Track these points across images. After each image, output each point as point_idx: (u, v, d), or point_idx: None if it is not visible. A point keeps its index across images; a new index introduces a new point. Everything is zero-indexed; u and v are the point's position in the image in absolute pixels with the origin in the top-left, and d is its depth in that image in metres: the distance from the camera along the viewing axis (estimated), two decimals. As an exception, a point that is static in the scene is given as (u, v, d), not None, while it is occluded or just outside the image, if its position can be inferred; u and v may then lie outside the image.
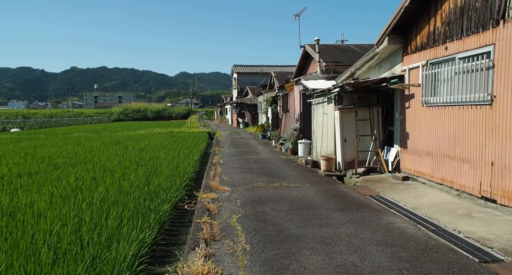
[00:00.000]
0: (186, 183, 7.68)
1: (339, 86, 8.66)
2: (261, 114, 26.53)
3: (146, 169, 8.79)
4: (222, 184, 7.76)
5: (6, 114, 68.73)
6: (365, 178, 8.21)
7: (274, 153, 13.86)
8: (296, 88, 14.18)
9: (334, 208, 5.69)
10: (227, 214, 5.45)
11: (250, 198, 6.45)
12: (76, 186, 6.92)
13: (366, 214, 5.34)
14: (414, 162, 7.57)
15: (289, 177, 8.64)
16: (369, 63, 9.26)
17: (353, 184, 7.87)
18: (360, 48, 15.33)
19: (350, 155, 8.99)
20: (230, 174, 9.11)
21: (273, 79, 24.12)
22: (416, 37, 7.39)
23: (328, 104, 9.99)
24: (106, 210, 5.24)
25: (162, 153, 11.91)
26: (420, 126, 7.30)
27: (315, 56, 14.19)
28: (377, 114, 8.93)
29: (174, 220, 5.70)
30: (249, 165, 10.69)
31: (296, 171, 9.55)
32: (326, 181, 8.16)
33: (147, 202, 5.80)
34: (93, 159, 10.69)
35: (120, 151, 12.71)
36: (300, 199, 6.33)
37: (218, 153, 13.64)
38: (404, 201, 6.05)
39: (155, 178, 7.71)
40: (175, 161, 10.24)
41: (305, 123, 13.57)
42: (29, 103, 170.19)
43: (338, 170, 9.25)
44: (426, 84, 7.06)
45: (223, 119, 49.85)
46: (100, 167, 9.09)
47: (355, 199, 6.34)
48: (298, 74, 17.09)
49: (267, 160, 11.85)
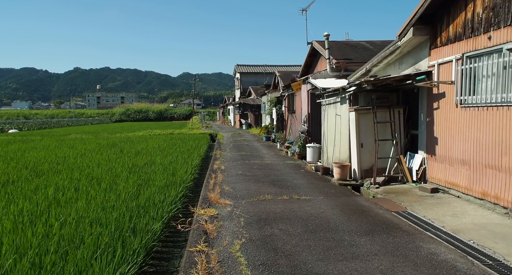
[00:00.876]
0: (182, 194, 6.72)
1: (355, 84, 7.66)
2: (264, 115, 25.54)
3: (139, 177, 7.83)
4: (223, 196, 6.77)
5: (8, 114, 68.15)
6: (385, 189, 7.20)
7: (280, 158, 12.86)
8: (304, 88, 13.18)
9: (358, 231, 4.69)
10: (228, 238, 4.47)
11: (256, 215, 5.46)
12: (54, 199, 5.97)
13: (399, 240, 4.34)
14: (445, 172, 6.55)
15: (298, 186, 7.65)
16: (388, 58, 8.25)
17: (373, 196, 6.87)
18: (371, 44, 14.31)
19: (367, 162, 7.98)
20: (232, 183, 8.13)
21: (277, 78, 23.14)
22: (448, 26, 6.38)
23: (341, 104, 8.99)
24: (81, 234, 4.29)
25: (158, 158, 10.95)
26: (454, 129, 6.29)
27: (324, 53, 13.19)
28: (398, 115, 7.92)
29: (168, 238, 4.75)
30: (253, 171, 9.71)
31: (306, 179, 8.55)
32: (341, 193, 7.16)
33: (133, 221, 4.85)
34: (82, 164, 9.74)
35: (113, 155, 11.77)
36: (315, 217, 5.34)
37: (220, 158, 12.66)
38: (441, 221, 5.04)
39: (147, 188, 6.75)
40: (172, 167, 9.28)
41: (314, 125, 12.57)
42: (32, 104, 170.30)
43: (354, 178, 8.24)
44: (462, 81, 6.05)
45: (225, 120, 48.89)
46: (87, 174, 8.14)
47: (380, 217, 5.34)
48: (305, 73, 16.10)
49: (273, 165, 10.87)
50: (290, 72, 24.12)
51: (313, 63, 16.02)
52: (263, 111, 26.08)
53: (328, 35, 12.24)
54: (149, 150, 13.29)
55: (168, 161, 10.37)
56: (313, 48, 14.94)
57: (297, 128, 14.38)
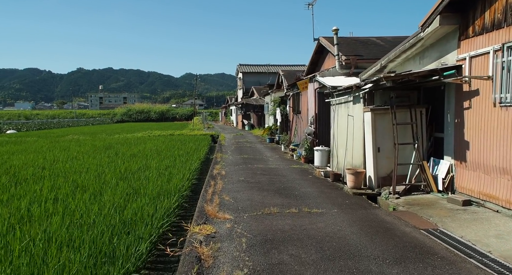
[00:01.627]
0: (177, 205, 5.89)
1: (372, 81, 6.79)
2: (268, 116, 24.69)
3: (129, 185, 7.02)
4: (222, 208, 5.93)
5: (9, 115, 67.64)
6: (407, 200, 6.33)
7: (285, 161, 12.00)
8: (311, 86, 12.32)
9: (386, 258, 3.82)
10: (227, 267, 3.62)
11: (261, 234, 4.61)
12: (27, 213, 5.16)
13: (439, 271, 3.47)
14: (479, 181, 5.67)
15: (308, 196, 6.79)
16: (408, 53, 7.39)
17: (393, 208, 6.00)
18: (382, 40, 13.43)
19: (385, 169, 7.11)
20: (233, 191, 7.29)
21: (281, 77, 22.29)
22: (483, 13, 5.50)
23: (354, 104, 8.13)
24: (45, 262, 3.47)
25: (155, 162, 10.13)
26: (490, 132, 5.41)
27: (332, 50, 12.33)
28: (420, 116, 7.05)
29: (155, 264, 3.92)
30: (256, 177, 8.85)
31: (315, 187, 7.69)
32: (357, 204, 6.29)
33: (113, 243, 4.03)
34: (70, 169, 8.93)
35: (106, 158, 10.96)
36: (332, 237, 4.48)
37: (220, 161, 11.82)
38: (484, 244, 4.17)
39: (136, 199, 5.93)
40: (168, 172, 8.47)
41: (322, 126, 11.70)
42: (35, 104, 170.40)
43: (369, 186, 7.37)
44: (501, 76, 5.18)
45: (227, 121, 48.06)
46: (73, 181, 7.32)
47: (409, 237, 4.47)
48: (311, 71, 15.24)
49: (278, 170, 10.01)
50: (294, 71, 23.25)
51: (319, 61, 15.16)
52: (266, 111, 25.22)
53: (337, 29, 11.38)
54: (146, 153, 12.49)
55: (164, 166, 9.55)
56: (320, 45, 14.08)
57: (302, 129, 13.52)
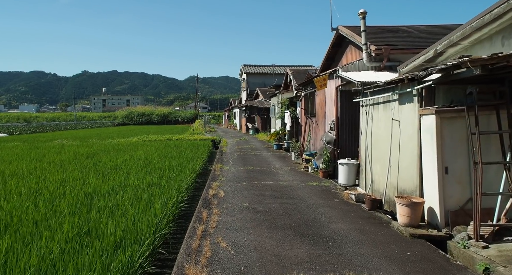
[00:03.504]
0: (140, 263, 3.70)
1: (442, 69, 4.53)
2: (274, 119, 22.47)
3: (84, 220, 4.84)
4: (214, 270, 3.70)
5: (8, 117, 66.07)
6: (503, 251, 4.08)
7: (299, 175, 9.77)
8: (330, 84, 10.10)
9: None
10: None
11: None
12: None
13: None
14: None
15: (345, 240, 4.56)
16: (484, 30, 5.13)
17: (484, 267, 3.76)
18: (415, 29, 11.19)
19: (456, 199, 4.86)
20: (232, 230, 5.06)
21: (289, 77, 20.11)
22: None
23: (401, 104, 5.90)
24: None
25: (136, 178, 7.96)
26: None
27: (355, 39, 10.12)
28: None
29: None
30: (265, 203, 6.62)
31: (351, 222, 5.44)
32: (423, 257, 4.04)
33: None
34: (16, 190, 6.76)
35: (78, 172, 8.80)
36: None
37: (219, 175, 9.61)
38: None
39: (79, 253, 3.75)
40: (148, 193, 6.33)
41: (344, 133, 9.46)
42: (40, 107, 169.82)
43: (430, 222, 5.12)
44: None
45: (231, 124, 45.87)
46: (3, 216, 5.13)
47: None
48: (326, 68, 13.02)
49: (293, 190, 7.77)
50: (304, 70, 21.08)
51: (336, 56, 12.94)
52: (273, 114, 23.01)
53: (365, 12, 9.15)
54: (131, 164, 10.32)
55: (147, 183, 7.39)
56: (338, 36, 11.86)
57: (318, 135, 11.29)
